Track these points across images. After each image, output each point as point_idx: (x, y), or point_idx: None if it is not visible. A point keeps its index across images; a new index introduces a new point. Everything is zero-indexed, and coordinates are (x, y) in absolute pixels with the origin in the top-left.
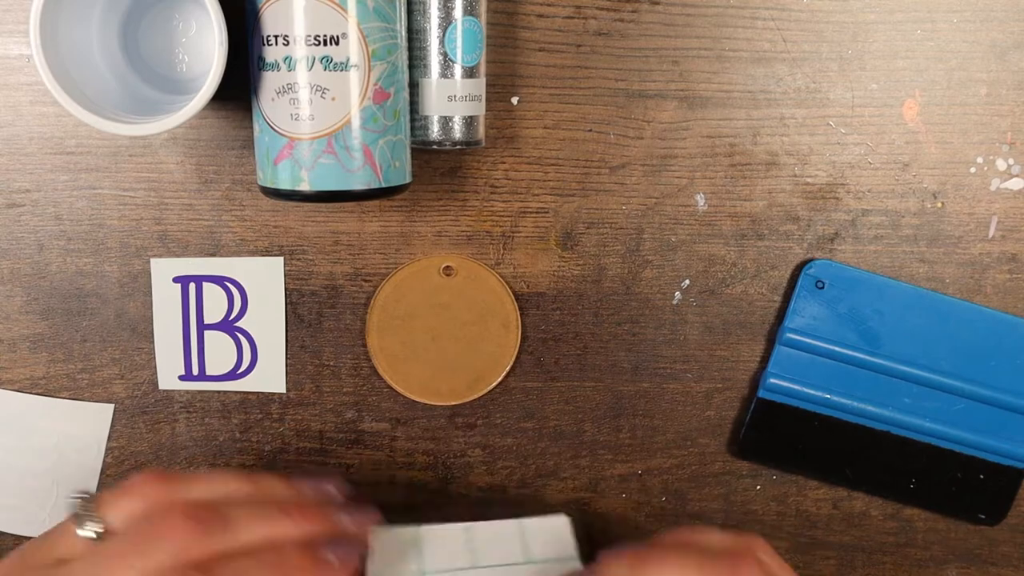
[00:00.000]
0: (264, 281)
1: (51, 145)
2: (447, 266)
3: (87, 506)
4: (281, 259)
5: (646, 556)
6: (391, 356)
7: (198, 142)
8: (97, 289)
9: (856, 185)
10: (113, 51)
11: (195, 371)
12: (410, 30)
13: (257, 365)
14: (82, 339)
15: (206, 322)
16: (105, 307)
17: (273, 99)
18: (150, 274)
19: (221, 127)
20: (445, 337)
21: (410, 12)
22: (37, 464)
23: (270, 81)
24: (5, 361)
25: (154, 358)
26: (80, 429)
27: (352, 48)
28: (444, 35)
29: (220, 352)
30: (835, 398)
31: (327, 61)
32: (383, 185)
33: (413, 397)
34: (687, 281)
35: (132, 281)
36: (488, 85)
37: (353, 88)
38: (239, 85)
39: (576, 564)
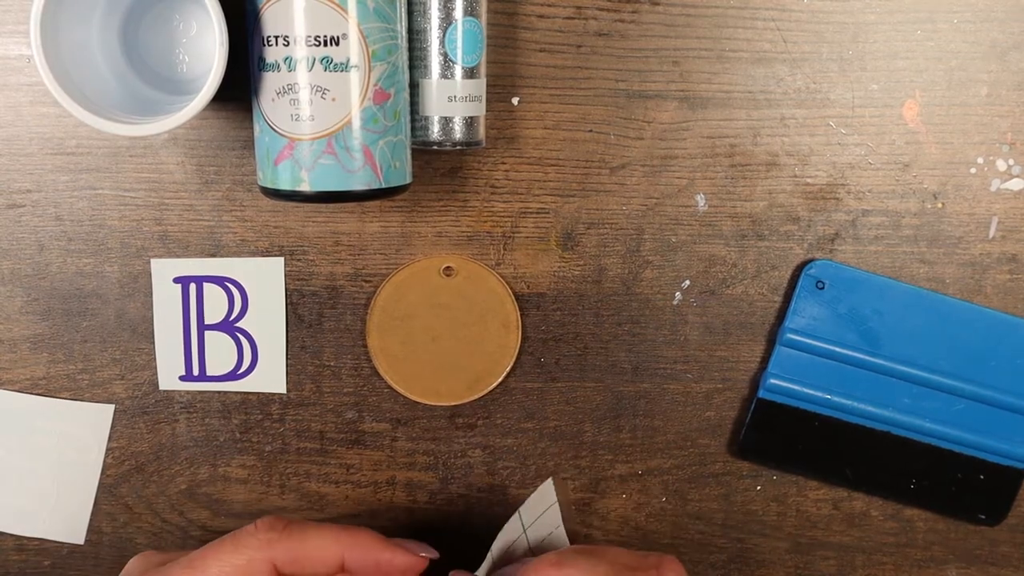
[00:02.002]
0: (264, 281)
1: (51, 145)
2: (447, 266)
3: None
4: (281, 259)
5: (565, 557)
6: (391, 356)
7: (198, 142)
8: (97, 289)
9: (856, 185)
10: (113, 51)
11: (195, 371)
12: (410, 30)
13: (257, 365)
14: (82, 339)
15: (206, 322)
16: (105, 307)
17: (273, 100)
18: (150, 274)
19: (221, 128)
20: (445, 337)
21: (410, 12)
22: (37, 464)
23: (270, 82)
24: (5, 361)
25: (154, 358)
26: (80, 429)
27: (352, 49)
28: (444, 35)
29: (220, 352)
30: (835, 398)
31: (327, 62)
32: (383, 186)
33: (413, 397)
34: (687, 281)
35: (132, 281)
36: (488, 85)
37: (353, 89)
38: (239, 86)
39: (556, 514)
